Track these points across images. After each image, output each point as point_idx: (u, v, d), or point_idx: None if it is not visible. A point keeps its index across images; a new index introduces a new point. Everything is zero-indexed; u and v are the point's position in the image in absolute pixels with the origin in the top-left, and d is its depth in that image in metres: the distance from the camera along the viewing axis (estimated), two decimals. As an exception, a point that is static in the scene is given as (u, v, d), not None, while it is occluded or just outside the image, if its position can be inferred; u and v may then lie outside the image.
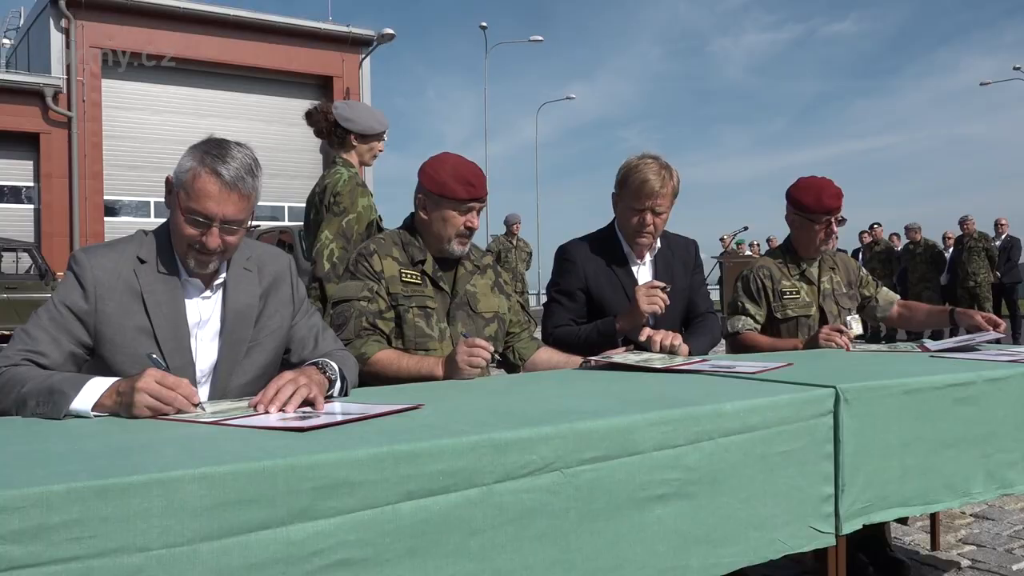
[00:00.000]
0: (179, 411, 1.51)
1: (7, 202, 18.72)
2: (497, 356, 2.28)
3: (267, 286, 1.96)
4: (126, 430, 1.40)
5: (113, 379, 1.56)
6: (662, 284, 2.53)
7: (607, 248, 2.72)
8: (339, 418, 1.45)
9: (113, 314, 1.77)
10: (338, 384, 1.80)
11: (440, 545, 1.25)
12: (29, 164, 18.72)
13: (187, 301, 1.85)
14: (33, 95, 17.98)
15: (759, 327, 2.89)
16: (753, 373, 1.99)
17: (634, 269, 2.73)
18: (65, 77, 18.24)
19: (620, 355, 2.29)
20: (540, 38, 29.54)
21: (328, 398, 1.72)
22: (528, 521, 1.33)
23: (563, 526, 1.37)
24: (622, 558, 1.43)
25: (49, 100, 17.99)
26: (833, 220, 2.89)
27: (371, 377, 2.22)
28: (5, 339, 13.93)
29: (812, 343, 2.71)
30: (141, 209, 19.89)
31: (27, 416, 1.54)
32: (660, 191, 2.59)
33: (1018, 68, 30.92)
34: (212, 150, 1.76)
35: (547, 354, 2.50)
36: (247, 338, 1.90)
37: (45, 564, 0.99)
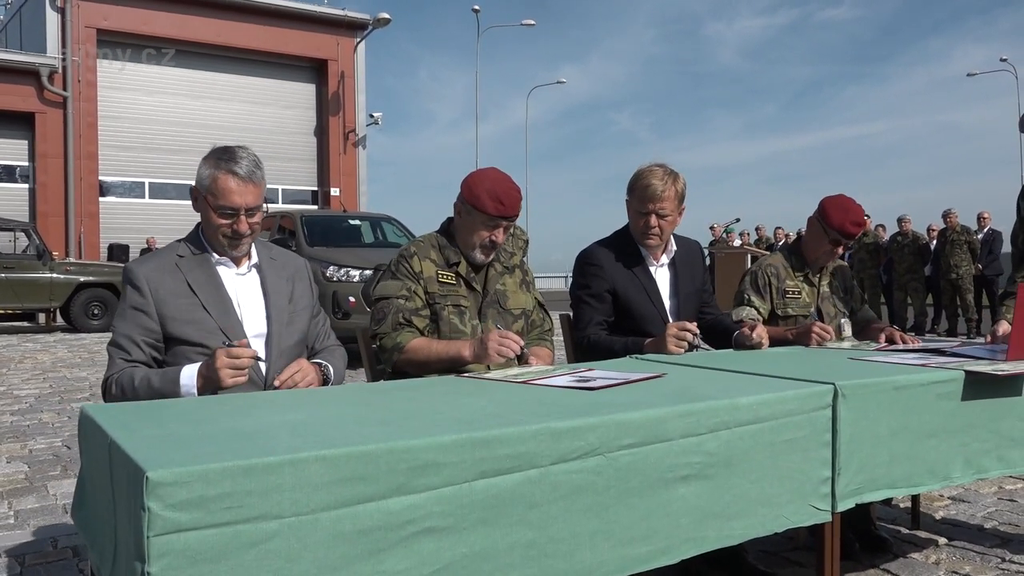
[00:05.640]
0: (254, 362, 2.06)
1: (2, 181, 18.74)
2: (524, 351, 2.46)
3: (290, 274, 2.42)
4: (231, 417, 1.63)
5: (193, 369, 2.06)
6: (693, 328, 2.67)
7: (626, 251, 2.95)
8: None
9: (167, 296, 2.18)
10: (331, 382, 2.34)
11: (506, 516, 1.49)
12: (24, 144, 18.74)
13: (224, 275, 2.28)
14: (28, 74, 17.99)
15: (762, 319, 3.13)
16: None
17: (652, 270, 2.96)
18: (61, 57, 18.23)
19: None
20: (532, 22, 29.66)
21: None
22: (577, 497, 1.57)
23: (605, 501, 1.61)
24: (652, 529, 1.67)
25: (45, 80, 18.01)
26: (843, 244, 3.14)
27: (406, 363, 2.48)
28: (3, 318, 14.04)
29: (804, 333, 2.95)
30: (135, 190, 19.95)
31: None
32: (663, 195, 2.83)
33: (1005, 60, 31.27)
34: (223, 156, 2.21)
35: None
36: (286, 308, 2.34)
37: (203, 528, 1.22)
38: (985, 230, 12.49)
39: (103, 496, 1.50)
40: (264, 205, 2.27)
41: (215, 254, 2.28)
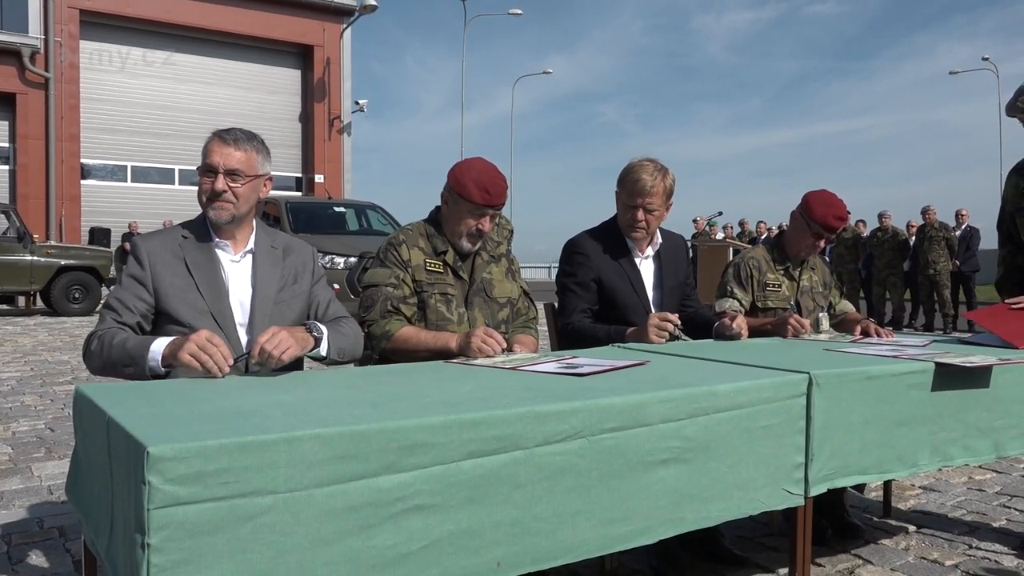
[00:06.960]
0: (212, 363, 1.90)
1: (-19, 162, 18.53)
2: (506, 349, 2.45)
3: (291, 262, 2.42)
4: (224, 398, 1.68)
5: (168, 339, 2.02)
6: (675, 319, 2.72)
7: (612, 242, 3.01)
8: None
9: (163, 273, 2.25)
10: (324, 344, 2.20)
11: (492, 495, 1.54)
12: (5, 125, 18.53)
13: (221, 259, 2.31)
14: (10, 54, 17.77)
15: (743, 311, 3.21)
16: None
17: (637, 262, 3.02)
18: (43, 37, 18.02)
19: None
20: (519, 12, 29.60)
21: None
22: (560, 478, 1.63)
23: (587, 483, 1.66)
24: (632, 510, 1.74)
25: (26, 60, 17.80)
26: (825, 238, 3.22)
27: (393, 352, 2.52)
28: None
29: (781, 324, 3.03)
30: (118, 173, 19.77)
31: (123, 376, 2.04)
32: (652, 190, 2.89)
33: (987, 59, 31.58)
34: (219, 128, 2.32)
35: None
36: (272, 298, 2.34)
37: (201, 502, 1.26)
38: (963, 227, 12.67)
39: (100, 472, 1.54)
40: (253, 177, 2.27)
41: (216, 238, 2.33)
